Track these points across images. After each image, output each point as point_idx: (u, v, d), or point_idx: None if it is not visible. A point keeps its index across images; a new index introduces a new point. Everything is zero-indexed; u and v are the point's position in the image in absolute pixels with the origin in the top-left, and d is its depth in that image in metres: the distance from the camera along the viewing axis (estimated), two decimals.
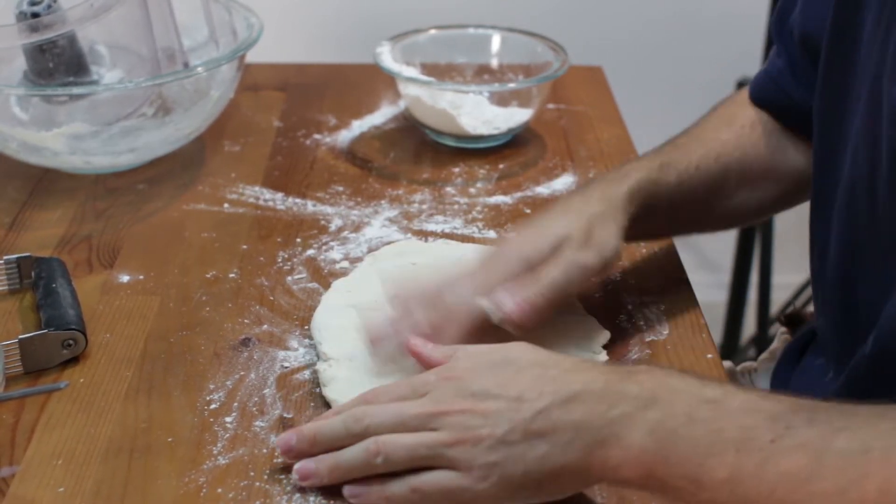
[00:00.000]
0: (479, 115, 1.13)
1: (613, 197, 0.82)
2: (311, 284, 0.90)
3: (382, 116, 1.23)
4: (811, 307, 0.96)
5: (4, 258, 0.89)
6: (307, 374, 0.79)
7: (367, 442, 0.65)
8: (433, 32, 1.22)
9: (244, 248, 0.96)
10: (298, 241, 0.97)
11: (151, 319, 0.85)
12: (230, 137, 1.17)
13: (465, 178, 1.09)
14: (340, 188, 1.07)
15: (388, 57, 1.16)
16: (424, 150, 1.15)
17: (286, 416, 0.75)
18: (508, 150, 1.16)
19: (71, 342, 0.79)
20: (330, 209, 1.03)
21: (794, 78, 0.91)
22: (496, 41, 1.24)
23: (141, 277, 0.91)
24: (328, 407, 0.75)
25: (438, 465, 0.64)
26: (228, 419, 0.74)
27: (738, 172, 0.91)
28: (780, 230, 1.98)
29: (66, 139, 1.02)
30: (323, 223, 1.00)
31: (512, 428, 0.63)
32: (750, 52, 1.91)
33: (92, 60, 1.05)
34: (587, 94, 1.29)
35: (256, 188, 1.06)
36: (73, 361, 0.80)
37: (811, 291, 0.91)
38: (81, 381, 0.78)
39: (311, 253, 0.95)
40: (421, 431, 0.65)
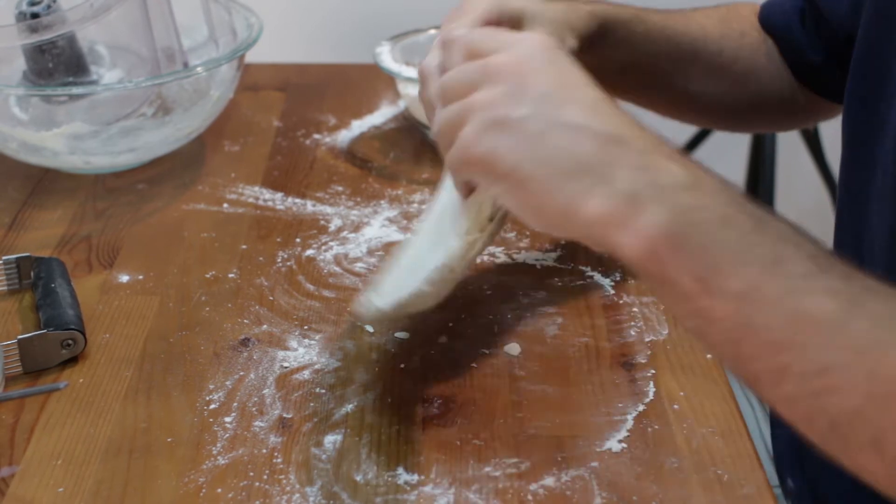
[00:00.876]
0: None
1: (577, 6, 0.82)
2: (310, 285, 0.90)
3: (382, 116, 1.23)
4: None
5: (4, 258, 0.89)
6: (307, 374, 0.79)
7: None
8: (433, 32, 1.22)
9: (244, 248, 0.96)
10: (298, 241, 0.97)
11: (151, 319, 0.85)
12: (230, 137, 1.17)
13: None
14: (340, 188, 1.07)
15: (387, 57, 1.15)
16: (424, 150, 1.15)
17: (286, 416, 0.75)
18: None
19: (70, 342, 0.79)
20: (329, 209, 1.02)
21: (802, 27, 0.92)
22: None
23: (140, 277, 0.91)
24: (328, 407, 0.75)
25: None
26: (228, 419, 0.74)
27: (707, 62, 0.91)
28: None
29: (65, 139, 1.02)
30: (322, 223, 1.00)
31: (542, 112, 0.60)
32: None
33: (92, 60, 1.05)
34: None
35: (256, 188, 1.06)
36: (72, 361, 0.80)
37: None
38: (81, 381, 0.78)
39: (310, 253, 0.95)
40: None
